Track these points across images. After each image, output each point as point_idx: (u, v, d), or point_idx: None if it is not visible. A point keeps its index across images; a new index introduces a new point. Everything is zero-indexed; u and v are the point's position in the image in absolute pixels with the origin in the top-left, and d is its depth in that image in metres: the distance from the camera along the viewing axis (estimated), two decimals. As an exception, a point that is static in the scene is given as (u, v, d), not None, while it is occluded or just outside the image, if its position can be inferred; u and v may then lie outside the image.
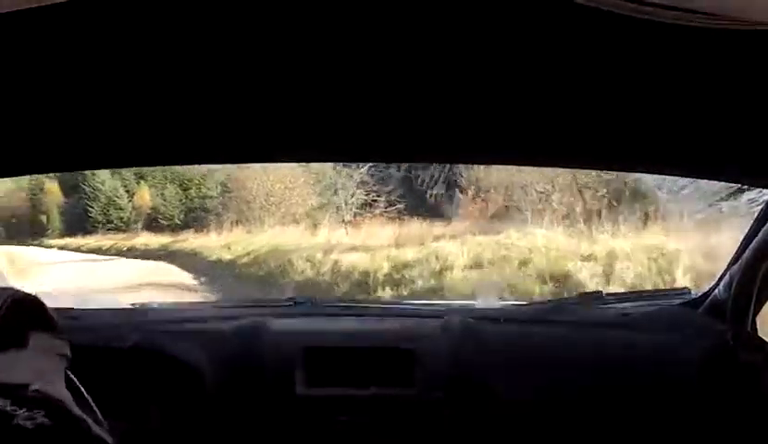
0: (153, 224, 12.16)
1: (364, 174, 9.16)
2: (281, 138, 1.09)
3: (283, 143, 1.12)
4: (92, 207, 12.70)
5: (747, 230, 1.22)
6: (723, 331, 1.19)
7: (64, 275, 8.96)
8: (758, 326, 1.22)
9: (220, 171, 10.98)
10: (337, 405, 1.20)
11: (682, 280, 5.22)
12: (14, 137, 1.00)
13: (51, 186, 13.15)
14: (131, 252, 11.32)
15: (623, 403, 1.18)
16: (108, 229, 12.56)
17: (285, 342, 1.27)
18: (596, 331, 1.28)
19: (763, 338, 1.18)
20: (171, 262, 10.17)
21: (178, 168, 11.58)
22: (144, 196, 12.53)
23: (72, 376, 0.84)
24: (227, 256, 9.72)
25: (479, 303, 1.56)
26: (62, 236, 13.01)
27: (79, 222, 12.71)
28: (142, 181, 12.39)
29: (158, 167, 10.67)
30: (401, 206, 9.14)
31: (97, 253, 11.45)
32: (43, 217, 13.35)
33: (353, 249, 8.44)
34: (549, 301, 1.54)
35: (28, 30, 0.68)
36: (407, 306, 1.58)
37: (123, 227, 12.57)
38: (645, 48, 0.73)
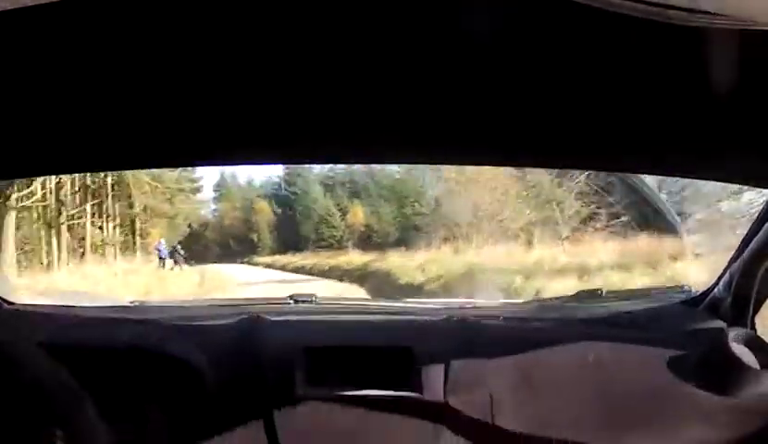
0: (364, 242, 11.87)
1: (582, 183, 8.18)
2: (281, 138, 1.09)
3: (283, 144, 1.12)
4: (304, 225, 12.64)
5: (746, 230, 1.23)
6: (722, 330, 1.19)
7: (248, 293, 8.78)
8: (757, 326, 1.22)
9: (435, 187, 10.95)
10: (337, 405, 1.20)
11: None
12: (14, 138, 1.00)
13: (261, 205, 13.27)
14: (332, 271, 11.12)
15: (622, 403, 1.18)
16: (318, 247, 12.39)
17: (285, 342, 1.27)
18: (595, 329, 1.28)
19: (763, 337, 1.18)
20: (362, 283, 9.83)
21: (394, 186, 11.77)
22: (358, 214, 12.33)
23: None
24: (419, 278, 9.27)
25: (479, 302, 1.56)
26: (272, 253, 12.96)
27: (291, 240, 12.65)
28: (356, 199, 12.37)
29: (372, 186, 11.08)
30: (625, 219, 7.88)
31: (300, 272, 11.33)
32: (254, 236, 13.40)
33: (563, 271, 7.42)
34: (548, 299, 1.54)
35: (28, 30, 0.68)
36: (407, 305, 1.58)
37: (335, 244, 12.35)
38: (645, 48, 0.73)
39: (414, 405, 1.19)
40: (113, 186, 11.71)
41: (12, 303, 1.41)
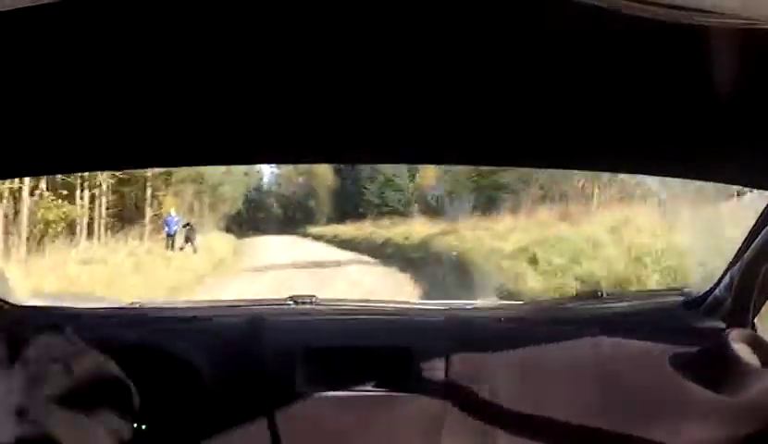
0: (431, 209, 10.11)
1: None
2: (282, 138, 1.09)
3: (284, 144, 1.13)
4: (367, 188, 11.07)
5: (747, 231, 1.22)
6: (722, 330, 1.19)
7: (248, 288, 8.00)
8: (757, 327, 1.22)
9: None
10: (337, 405, 1.20)
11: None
12: (14, 137, 1.00)
13: (322, 167, 11.49)
14: (386, 247, 9.51)
15: (623, 403, 1.18)
16: (380, 213, 10.74)
17: (285, 341, 1.27)
18: (595, 330, 1.28)
19: (763, 337, 1.18)
20: (416, 270, 7.99)
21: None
22: (429, 174, 10.59)
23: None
24: (504, 264, 7.39)
25: (479, 303, 1.56)
26: (327, 223, 11.52)
27: (351, 206, 11.07)
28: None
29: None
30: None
31: (348, 249, 9.69)
32: (312, 202, 12.06)
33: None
34: (548, 299, 1.54)
35: (28, 30, 0.68)
36: (407, 306, 1.57)
37: (401, 209, 10.67)
38: (645, 48, 0.73)
39: (415, 405, 1.19)
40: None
41: (12, 304, 1.41)
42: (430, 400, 1.19)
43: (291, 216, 11.73)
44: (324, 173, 11.81)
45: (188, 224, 11.19)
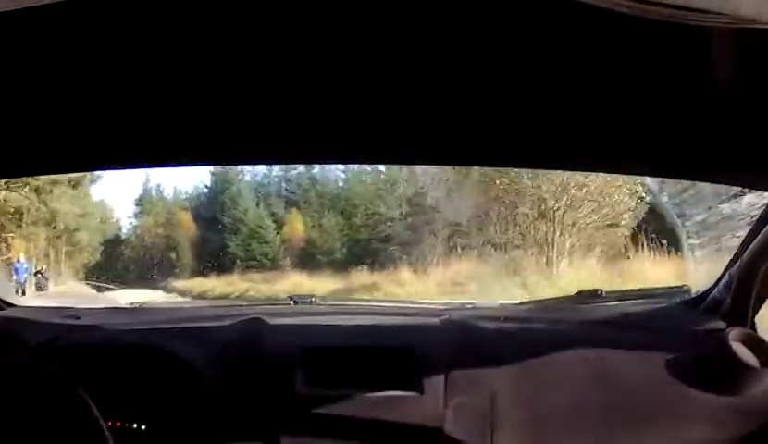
0: (307, 262, 9.70)
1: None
2: (281, 138, 1.09)
3: (284, 144, 1.12)
4: (231, 242, 10.62)
5: (746, 232, 1.23)
6: (722, 330, 1.19)
7: None
8: (757, 327, 1.22)
9: (402, 188, 9.05)
10: (337, 405, 1.20)
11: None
12: (14, 137, 1.00)
13: (183, 216, 11.22)
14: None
15: (622, 403, 1.18)
16: (248, 268, 10.28)
17: (285, 342, 1.27)
18: (595, 329, 1.28)
19: (763, 337, 1.18)
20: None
21: (337, 194, 9.79)
22: (297, 227, 10.28)
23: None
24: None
25: (479, 303, 1.56)
26: (192, 275, 10.81)
27: (216, 259, 10.57)
28: (294, 210, 10.13)
29: (314, 196, 9.14)
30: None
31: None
32: (173, 254, 11.45)
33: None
34: (548, 299, 1.54)
35: (28, 30, 0.68)
36: (407, 306, 1.58)
37: (268, 264, 10.28)
38: (645, 48, 0.73)
39: (415, 405, 1.19)
40: None
41: (12, 305, 1.41)
42: (430, 400, 1.19)
43: (145, 269, 11.36)
44: (184, 220, 11.54)
45: (39, 271, 10.69)
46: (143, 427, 1.12)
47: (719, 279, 1.28)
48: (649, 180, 1.98)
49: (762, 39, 0.51)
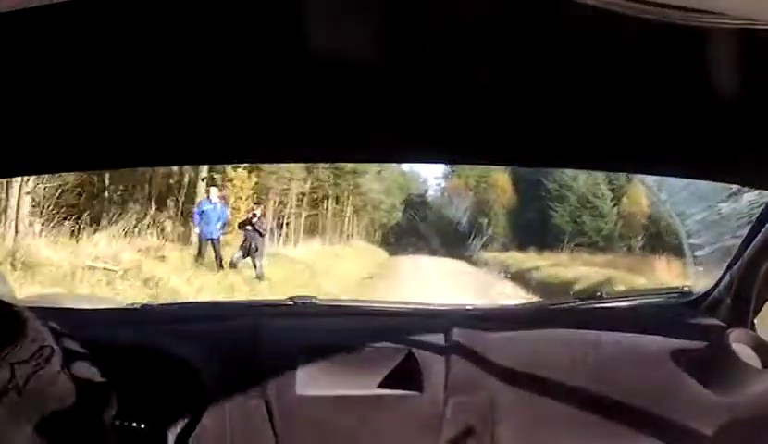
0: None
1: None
2: (282, 138, 1.09)
3: (284, 144, 1.12)
4: (555, 212, 9.60)
5: (747, 232, 1.23)
6: (722, 330, 1.19)
7: None
8: (757, 327, 1.22)
9: None
10: (337, 405, 1.20)
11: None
12: (14, 137, 1.00)
13: (500, 178, 10.01)
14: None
15: (622, 403, 1.18)
16: (577, 245, 9.05)
17: (285, 342, 1.27)
18: (595, 330, 1.28)
19: (763, 338, 1.18)
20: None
21: None
22: (639, 200, 8.73)
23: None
24: None
25: (479, 303, 1.56)
26: (504, 248, 9.86)
27: (535, 231, 9.44)
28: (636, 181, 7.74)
29: None
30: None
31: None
32: (485, 221, 10.49)
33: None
34: (548, 299, 1.54)
35: (28, 30, 0.68)
36: (407, 306, 1.58)
37: (600, 242, 8.84)
38: (645, 48, 0.73)
39: (415, 405, 1.19)
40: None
41: (12, 305, 1.41)
42: (430, 400, 1.19)
43: (457, 236, 9.79)
44: (501, 184, 10.02)
45: (250, 223, 6.84)
46: (143, 426, 1.12)
47: (719, 279, 1.28)
48: (649, 180, 1.98)
49: (762, 39, 0.51)
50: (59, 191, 7.98)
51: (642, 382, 1.20)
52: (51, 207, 7.71)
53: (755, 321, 1.22)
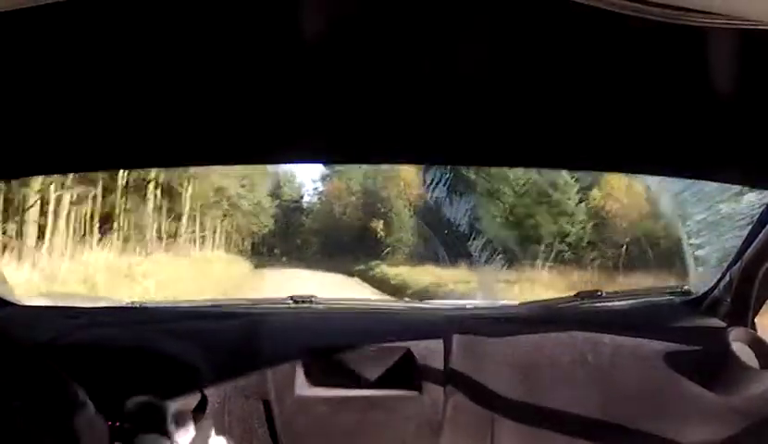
0: None
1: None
2: (282, 138, 1.09)
3: (283, 144, 1.12)
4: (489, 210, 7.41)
5: (747, 232, 1.23)
6: (722, 330, 1.19)
7: None
8: (757, 327, 1.22)
9: None
10: (337, 405, 1.20)
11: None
12: (14, 138, 1.00)
13: (402, 167, 8.07)
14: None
15: (622, 402, 1.18)
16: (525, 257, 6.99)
17: (284, 341, 1.27)
18: (595, 330, 1.28)
19: (763, 338, 1.18)
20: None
21: None
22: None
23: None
24: None
25: (479, 303, 1.56)
26: (418, 261, 7.79)
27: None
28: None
29: None
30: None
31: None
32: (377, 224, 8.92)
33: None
34: (548, 299, 1.54)
35: (28, 30, 0.68)
36: (407, 305, 1.58)
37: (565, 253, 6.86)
38: (645, 48, 0.73)
39: (415, 405, 1.19)
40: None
41: (13, 304, 1.41)
42: (430, 400, 1.19)
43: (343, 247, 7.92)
44: (408, 178, 8.20)
45: None
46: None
47: (719, 279, 1.28)
48: (649, 180, 1.98)
49: (762, 39, 0.51)
50: None
51: (642, 382, 1.20)
52: None
53: (755, 321, 1.22)
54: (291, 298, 1.46)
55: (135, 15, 0.70)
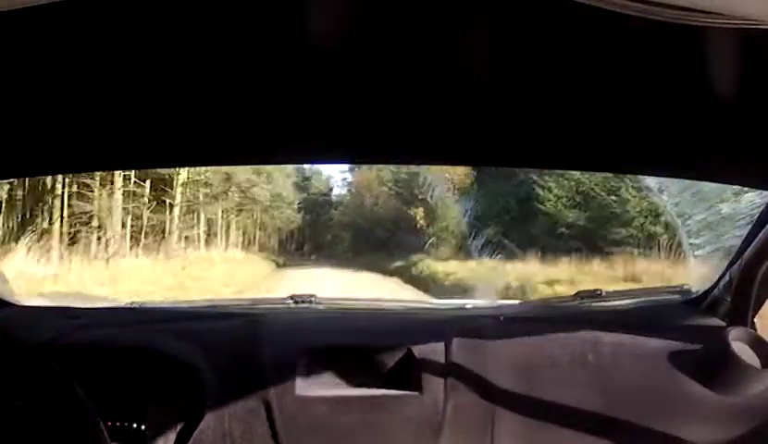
0: None
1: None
2: (282, 138, 1.09)
3: (284, 144, 1.12)
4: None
5: (747, 232, 1.23)
6: (722, 329, 1.19)
7: None
8: (757, 326, 1.22)
9: None
10: (337, 405, 1.20)
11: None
12: (14, 138, 1.00)
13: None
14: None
15: (622, 402, 1.18)
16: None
17: (284, 341, 1.27)
18: (595, 329, 1.28)
19: (763, 337, 1.18)
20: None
21: None
22: None
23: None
24: None
25: (479, 302, 1.56)
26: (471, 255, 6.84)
27: None
28: None
29: None
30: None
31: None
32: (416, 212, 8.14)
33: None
34: (548, 299, 1.54)
35: (28, 30, 0.68)
36: (407, 305, 1.58)
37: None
38: (645, 48, 0.73)
39: (415, 405, 1.19)
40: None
41: (12, 304, 1.41)
42: (430, 400, 1.19)
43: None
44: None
45: None
46: (143, 427, 1.12)
47: (719, 279, 1.28)
48: (649, 180, 1.98)
49: (762, 39, 0.51)
50: None
51: (642, 382, 1.20)
52: None
53: (755, 320, 1.22)
54: (292, 298, 1.46)
55: (138, 15, 0.70)
